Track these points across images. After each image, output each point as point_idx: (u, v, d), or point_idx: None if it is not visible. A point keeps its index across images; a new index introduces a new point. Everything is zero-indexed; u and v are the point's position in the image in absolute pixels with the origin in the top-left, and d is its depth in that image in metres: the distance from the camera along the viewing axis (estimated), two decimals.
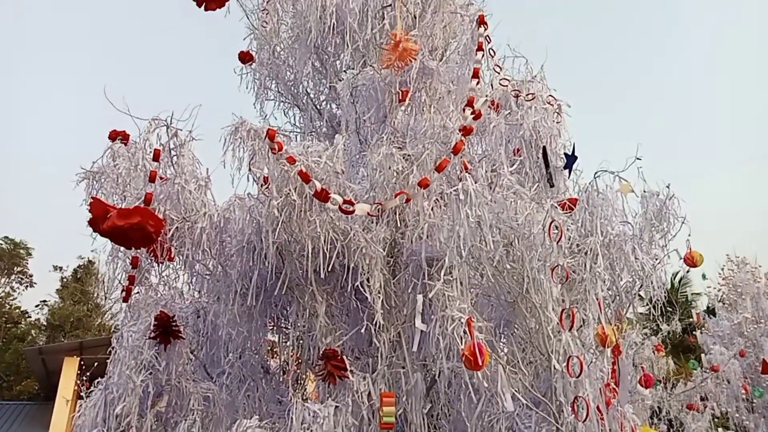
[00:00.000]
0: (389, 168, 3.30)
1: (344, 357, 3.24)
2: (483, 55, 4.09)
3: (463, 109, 3.68)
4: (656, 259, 3.71)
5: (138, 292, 4.16)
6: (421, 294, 2.90)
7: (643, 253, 3.57)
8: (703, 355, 11.31)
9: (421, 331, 3.10)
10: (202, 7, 5.21)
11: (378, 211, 3.17)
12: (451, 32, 4.43)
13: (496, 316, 3.12)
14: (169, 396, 3.67)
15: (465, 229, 2.78)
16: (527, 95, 4.35)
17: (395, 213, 3.43)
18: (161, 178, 3.86)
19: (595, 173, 3.35)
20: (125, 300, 4.01)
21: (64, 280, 25.22)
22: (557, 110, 4.29)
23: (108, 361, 3.92)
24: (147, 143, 3.82)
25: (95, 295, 25.94)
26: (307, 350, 3.66)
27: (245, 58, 5.61)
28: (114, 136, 4.78)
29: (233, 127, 4.62)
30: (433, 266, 3.32)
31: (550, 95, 4.39)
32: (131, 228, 3.13)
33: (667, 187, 3.87)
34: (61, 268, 25.14)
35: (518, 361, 2.88)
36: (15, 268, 24.67)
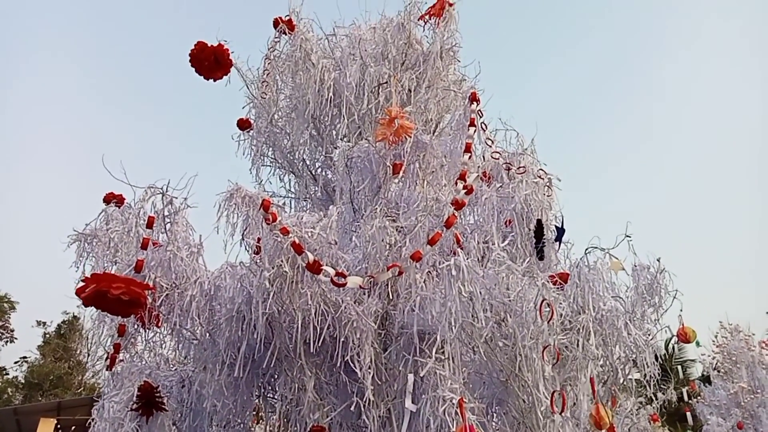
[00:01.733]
0: (382, 240, 3.32)
1: None
2: (475, 130, 4.21)
3: (456, 183, 3.76)
4: (649, 335, 3.70)
5: (123, 360, 4.06)
6: (411, 373, 2.85)
7: (635, 329, 3.56)
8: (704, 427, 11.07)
9: (411, 411, 3.04)
10: (204, 77, 5.43)
11: (370, 284, 3.17)
12: (444, 107, 4.59)
13: (488, 395, 3.07)
14: None
15: (456, 305, 2.78)
16: (518, 168, 4.46)
17: (387, 285, 3.43)
18: (154, 243, 3.86)
19: (586, 249, 3.39)
20: (109, 368, 3.91)
21: (47, 335, 24.63)
22: (547, 183, 4.38)
23: (86, 423, 3.78)
24: (141, 210, 3.84)
25: (78, 351, 25.28)
26: (294, 424, 3.55)
27: (243, 125, 5.76)
28: (109, 199, 4.83)
29: (228, 193, 4.70)
30: (425, 340, 3.28)
31: (540, 169, 4.50)
32: (115, 298, 3.09)
33: (658, 260, 3.92)
34: (44, 324, 24.62)
35: None
36: None
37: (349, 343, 3.19)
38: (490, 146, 4.68)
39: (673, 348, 19.83)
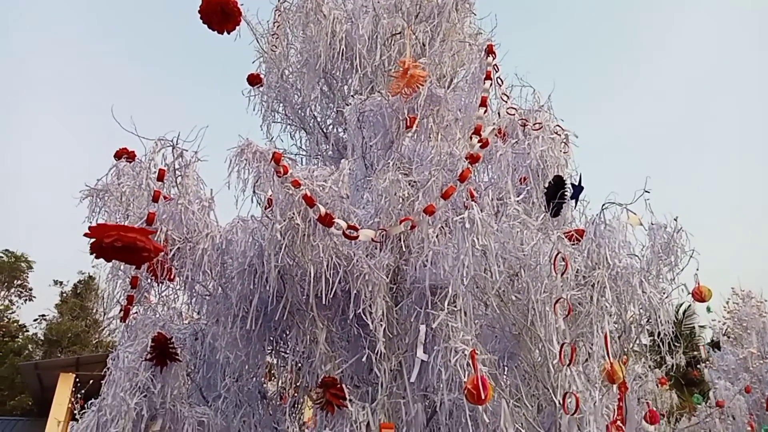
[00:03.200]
0: (395, 194, 3.27)
1: (343, 386, 3.17)
2: (491, 84, 4.10)
3: (471, 137, 3.67)
4: (664, 293, 3.65)
5: (136, 312, 4.11)
6: (424, 324, 2.84)
7: (650, 287, 3.51)
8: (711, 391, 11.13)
9: (422, 361, 3.04)
10: (214, 30, 5.31)
11: (382, 238, 3.13)
12: (459, 61, 4.46)
13: (500, 349, 3.06)
14: (163, 420, 3.59)
15: (470, 258, 2.74)
16: (534, 124, 4.35)
17: (399, 240, 3.40)
18: (165, 197, 3.84)
19: (603, 205, 3.31)
20: (123, 320, 3.96)
21: (64, 295, 25.13)
22: (564, 140, 4.28)
23: (103, 379, 3.85)
24: (152, 163, 3.80)
25: (94, 311, 25.82)
26: (306, 377, 3.59)
27: (254, 80, 5.65)
28: (120, 154, 4.79)
29: (239, 148, 4.63)
30: (437, 295, 3.27)
31: (557, 125, 4.39)
32: (124, 247, 3.08)
33: (675, 219, 3.84)
34: (61, 283, 25.08)
35: (522, 396, 2.80)
36: (15, 281, 24.60)
37: (361, 296, 3.19)
38: (506, 102, 4.56)
39: (683, 314, 19.83)
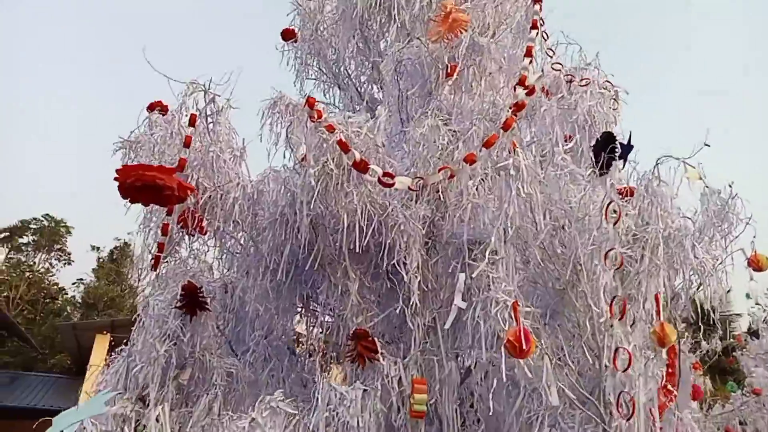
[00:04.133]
0: (434, 141, 3.10)
1: (375, 339, 3.06)
2: (537, 33, 3.85)
3: (514, 88, 3.47)
4: (717, 260, 3.41)
5: (167, 262, 4.08)
6: (463, 273, 2.68)
7: (703, 252, 3.28)
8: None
9: (459, 312, 2.93)
10: None
11: (419, 186, 2.98)
12: (503, 13, 4.21)
13: (541, 306, 2.89)
14: (192, 369, 3.56)
15: (514, 207, 2.57)
16: (582, 80, 4.09)
17: (436, 191, 3.24)
18: (196, 146, 3.75)
19: (658, 159, 3.08)
20: (154, 268, 3.92)
21: (101, 260, 25.86)
22: (614, 96, 4.02)
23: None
24: (183, 107, 3.70)
25: (129, 276, 26.51)
26: (336, 332, 3.50)
27: (288, 35, 5.50)
28: (153, 107, 4.71)
29: (272, 101, 4.51)
30: (474, 251, 3.11)
31: (606, 81, 4.13)
32: (147, 187, 3.00)
33: (730, 185, 3.57)
34: (98, 249, 25.80)
35: (565, 355, 2.64)
36: (55, 245, 25.39)
37: (396, 247, 3.05)
38: (551, 57, 4.31)
39: (720, 300, 19.14)
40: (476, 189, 3.17)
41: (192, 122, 3.65)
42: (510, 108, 3.08)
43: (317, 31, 5.16)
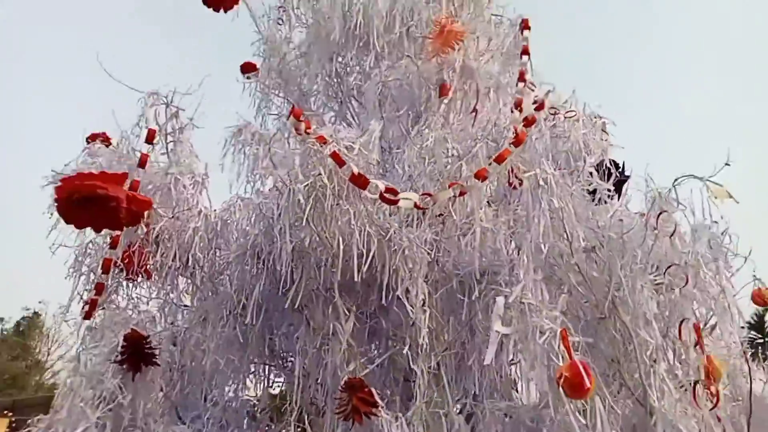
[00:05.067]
0: (442, 153, 2.75)
1: (372, 390, 2.52)
2: (528, 59, 3.70)
3: (512, 110, 3.23)
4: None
5: (104, 310, 3.38)
6: (501, 296, 2.23)
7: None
8: None
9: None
10: (211, 7, 4.82)
11: (427, 205, 2.58)
12: (494, 39, 4.05)
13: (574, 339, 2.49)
14: None
15: (546, 221, 2.21)
16: (567, 113, 3.95)
17: (438, 215, 2.85)
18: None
19: (675, 180, 2.85)
20: (87, 317, 3.21)
21: (5, 332, 23.25)
22: (603, 128, 3.88)
23: (38, 419, 3.02)
24: (142, 120, 3.16)
25: (37, 350, 23.94)
26: (315, 384, 2.91)
27: (248, 68, 5.14)
28: (94, 137, 4.11)
29: (237, 127, 4.06)
30: (483, 282, 2.71)
31: (592, 113, 4.01)
32: (88, 201, 2.42)
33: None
34: (2, 320, 23.26)
35: (611, 394, 2.22)
36: None
37: (397, 277, 2.59)
38: (533, 91, 4.17)
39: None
40: (483, 212, 2.81)
41: (150, 138, 3.12)
42: (522, 122, 2.79)
43: (285, 59, 4.82)
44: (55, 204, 2.61)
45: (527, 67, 3.78)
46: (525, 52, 3.66)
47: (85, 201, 2.41)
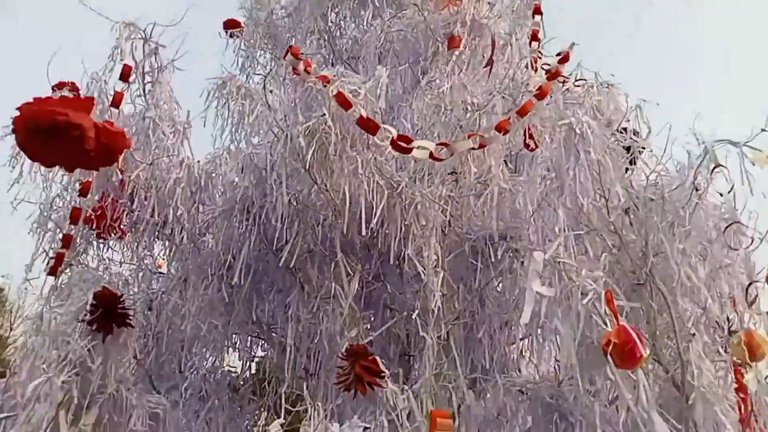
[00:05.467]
0: (459, 103, 2.48)
1: (377, 358, 2.26)
2: (541, 17, 3.45)
3: (533, 68, 3.00)
4: None
5: (71, 266, 3.03)
6: (540, 251, 1.97)
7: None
8: None
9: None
10: None
11: (444, 156, 2.31)
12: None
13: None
14: (101, 409, 2.52)
15: (585, 173, 1.97)
16: (577, 80, 3.73)
17: (451, 172, 2.59)
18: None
19: (712, 144, 2.64)
20: (53, 272, 2.86)
21: None
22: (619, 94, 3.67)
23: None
24: (117, 53, 2.79)
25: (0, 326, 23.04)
26: (309, 351, 2.64)
27: (231, 25, 4.77)
28: (61, 85, 3.71)
29: (221, 80, 3.72)
30: (498, 248, 2.48)
31: (605, 81, 3.79)
32: (48, 131, 2.06)
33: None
34: None
35: (652, 368, 2.01)
36: None
37: (410, 235, 2.33)
38: (541, 58, 3.94)
39: None
40: (501, 172, 2.55)
41: (125, 76, 2.76)
42: (545, 73, 2.54)
43: (272, 13, 4.46)
44: (14, 138, 2.25)
45: (540, 27, 3.55)
46: (537, 11, 3.41)
47: (46, 132, 2.06)
